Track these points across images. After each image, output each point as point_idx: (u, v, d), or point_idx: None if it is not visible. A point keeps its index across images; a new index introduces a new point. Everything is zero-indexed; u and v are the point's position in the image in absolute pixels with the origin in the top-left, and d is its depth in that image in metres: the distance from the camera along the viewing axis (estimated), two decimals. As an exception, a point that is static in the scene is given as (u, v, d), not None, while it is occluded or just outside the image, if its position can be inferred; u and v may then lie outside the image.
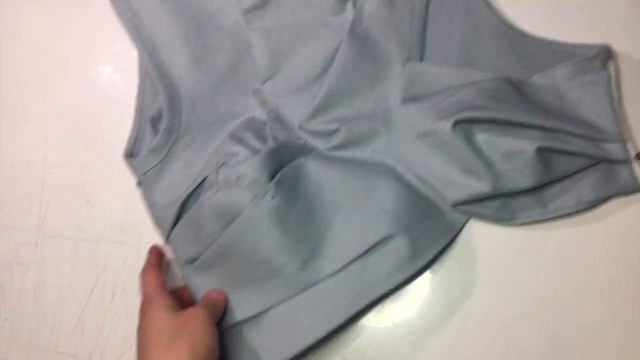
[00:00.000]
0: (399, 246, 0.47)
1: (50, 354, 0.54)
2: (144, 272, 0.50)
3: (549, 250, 0.50)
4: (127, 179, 0.56)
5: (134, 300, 0.54)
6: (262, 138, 0.51)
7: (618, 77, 0.50)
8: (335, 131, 0.51)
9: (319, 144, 0.52)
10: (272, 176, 0.47)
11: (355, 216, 0.49)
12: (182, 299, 0.49)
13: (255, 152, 0.48)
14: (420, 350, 0.49)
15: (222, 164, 0.48)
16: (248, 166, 0.46)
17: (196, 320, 0.44)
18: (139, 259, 0.54)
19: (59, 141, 0.59)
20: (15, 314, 0.55)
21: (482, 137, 0.47)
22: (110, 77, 0.60)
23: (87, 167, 0.58)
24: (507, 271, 0.50)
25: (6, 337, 0.55)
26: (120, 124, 0.58)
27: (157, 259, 0.52)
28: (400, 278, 0.47)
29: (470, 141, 0.46)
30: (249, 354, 0.48)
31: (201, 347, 0.42)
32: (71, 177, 0.58)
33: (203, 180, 0.50)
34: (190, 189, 0.50)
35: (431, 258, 0.48)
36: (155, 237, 0.54)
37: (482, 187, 0.47)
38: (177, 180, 0.53)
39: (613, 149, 0.47)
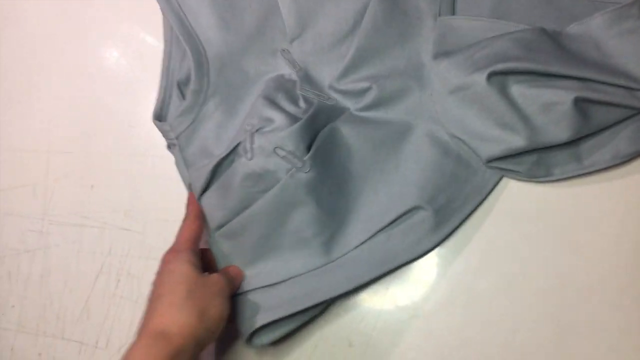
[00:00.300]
0: (422, 218, 0.48)
1: (57, 340, 0.54)
2: (185, 220, 0.50)
3: (556, 230, 0.49)
4: (132, 165, 0.56)
5: (140, 286, 0.54)
6: (293, 99, 0.51)
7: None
8: (367, 90, 0.51)
9: (350, 104, 0.52)
10: (309, 147, 0.47)
11: (382, 188, 0.49)
12: (206, 262, 0.50)
13: (289, 116, 0.48)
14: (425, 333, 0.49)
15: (258, 130, 0.47)
16: (286, 138, 0.46)
17: (216, 287, 0.45)
18: (144, 244, 0.54)
19: (63, 127, 0.59)
20: (23, 301, 0.56)
21: (518, 89, 0.45)
22: (117, 61, 0.59)
23: (91, 153, 0.58)
24: (512, 255, 0.49)
25: (14, 323, 0.56)
26: (126, 109, 0.58)
27: (199, 210, 0.50)
28: (423, 248, 0.48)
29: (505, 94, 0.45)
30: (259, 307, 0.47)
31: (212, 313, 0.43)
32: (76, 164, 0.58)
33: (237, 145, 0.49)
34: (224, 153, 0.49)
35: (457, 225, 0.49)
36: (159, 223, 0.54)
37: (517, 141, 0.45)
38: (209, 142, 0.53)
39: None
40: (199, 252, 0.48)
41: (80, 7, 0.60)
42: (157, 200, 0.55)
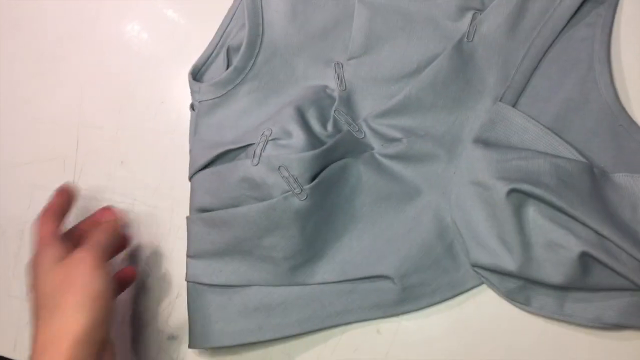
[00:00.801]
0: (389, 288, 0.47)
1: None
2: (41, 216, 0.45)
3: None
4: (162, 142, 0.56)
5: (168, 263, 0.54)
6: (323, 119, 0.49)
7: None
8: (396, 140, 0.49)
9: (376, 145, 0.50)
10: (315, 176, 0.46)
11: (366, 241, 0.49)
12: (78, 237, 0.47)
13: (310, 138, 0.47)
14: (454, 322, 0.48)
15: (274, 139, 0.47)
16: (294, 161, 0.45)
17: (81, 267, 0.41)
18: (172, 221, 0.54)
19: (94, 101, 0.59)
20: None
21: (533, 215, 0.44)
22: (150, 38, 0.59)
23: (121, 128, 0.57)
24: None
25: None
26: (158, 85, 0.57)
27: (62, 203, 0.47)
28: (380, 315, 0.48)
29: (518, 213, 0.44)
30: (210, 321, 0.48)
31: (88, 296, 0.40)
32: (106, 138, 0.57)
33: (250, 145, 0.48)
34: (234, 146, 0.49)
35: (418, 308, 0.48)
36: (188, 202, 0.54)
37: (509, 263, 0.44)
38: (228, 122, 0.52)
39: None
40: (65, 238, 0.45)
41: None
42: (186, 179, 0.54)
